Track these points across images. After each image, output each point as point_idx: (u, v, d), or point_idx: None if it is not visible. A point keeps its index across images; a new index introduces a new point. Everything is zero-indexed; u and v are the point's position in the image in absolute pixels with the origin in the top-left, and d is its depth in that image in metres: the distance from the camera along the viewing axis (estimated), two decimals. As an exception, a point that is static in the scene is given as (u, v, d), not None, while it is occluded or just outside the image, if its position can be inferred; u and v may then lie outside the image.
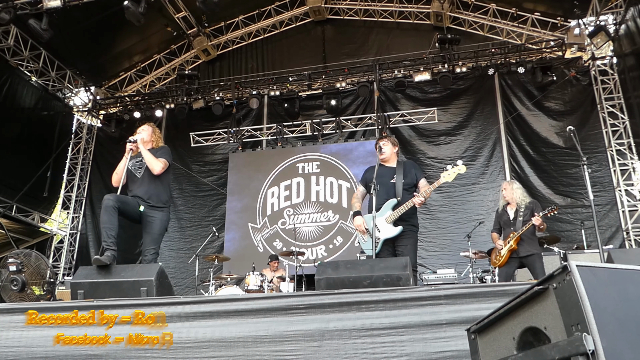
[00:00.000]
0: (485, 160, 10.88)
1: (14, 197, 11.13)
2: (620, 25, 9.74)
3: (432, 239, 10.34)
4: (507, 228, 6.09)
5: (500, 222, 6.28)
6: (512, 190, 6.20)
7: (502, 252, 6.02)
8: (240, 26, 13.18)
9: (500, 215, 6.29)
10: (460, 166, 4.73)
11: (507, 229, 6.08)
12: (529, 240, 5.91)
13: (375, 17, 12.58)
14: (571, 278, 1.44)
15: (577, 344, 1.36)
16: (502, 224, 6.21)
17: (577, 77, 10.84)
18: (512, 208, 6.15)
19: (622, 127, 10.33)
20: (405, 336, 2.91)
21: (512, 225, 6.02)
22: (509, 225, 6.08)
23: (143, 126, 5.08)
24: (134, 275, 3.89)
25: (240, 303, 3.27)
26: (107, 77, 13.42)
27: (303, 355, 2.98)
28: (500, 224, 6.26)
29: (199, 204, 12.20)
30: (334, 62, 12.20)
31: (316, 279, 3.67)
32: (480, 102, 11.39)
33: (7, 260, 4.45)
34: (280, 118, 12.35)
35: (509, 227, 6.06)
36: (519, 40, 11.44)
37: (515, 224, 5.98)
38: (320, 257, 10.63)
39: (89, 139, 13.56)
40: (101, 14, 10.44)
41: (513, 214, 6.11)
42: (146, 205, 4.65)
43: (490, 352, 1.99)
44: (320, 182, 11.36)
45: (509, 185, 6.35)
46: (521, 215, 5.98)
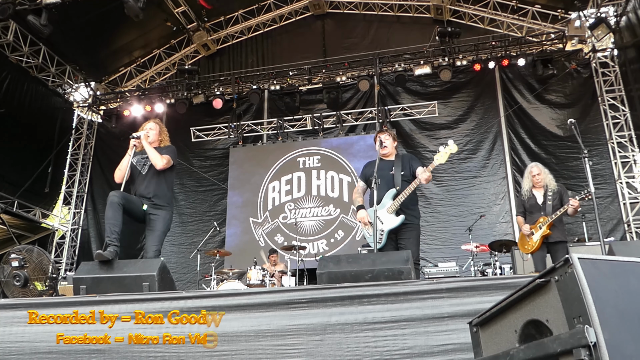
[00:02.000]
0: (486, 154, 10.88)
1: (16, 193, 11.16)
2: (621, 17, 9.71)
3: (433, 232, 10.35)
4: (536, 212, 5.73)
5: (525, 206, 5.90)
6: (546, 174, 5.85)
7: (534, 238, 5.66)
8: (240, 20, 13.14)
9: (527, 199, 5.88)
10: (452, 146, 4.68)
11: (536, 213, 5.73)
12: (559, 226, 5.68)
13: (375, 10, 12.54)
14: (573, 271, 1.44)
15: (579, 336, 1.36)
16: (529, 208, 5.84)
17: (578, 69, 10.82)
18: (539, 191, 5.82)
19: (623, 120, 10.32)
20: (407, 329, 2.92)
21: (542, 209, 5.70)
22: (537, 209, 5.73)
23: (150, 123, 5.01)
24: (136, 271, 3.90)
25: (242, 297, 3.28)
26: (107, 72, 13.40)
27: (305, 349, 2.99)
28: (526, 208, 5.89)
29: (200, 199, 12.22)
30: (334, 56, 12.18)
31: (318, 273, 3.68)
32: (480, 95, 11.38)
33: (9, 256, 4.46)
34: (280, 112, 12.34)
35: (538, 212, 5.72)
36: (519, 33, 11.40)
37: (545, 208, 5.66)
38: (322, 251, 10.66)
39: (89, 135, 13.56)
40: (100, 9, 10.44)
41: (541, 197, 5.77)
42: (149, 204, 4.64)
43: (492, 345, 1.99)
44: (321, 177, 11.36)
45: (543, 170, 5.91)
46: (550, 200, 5.66)
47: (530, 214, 5.83)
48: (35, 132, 11.86)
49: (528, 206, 5.86)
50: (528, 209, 5.87)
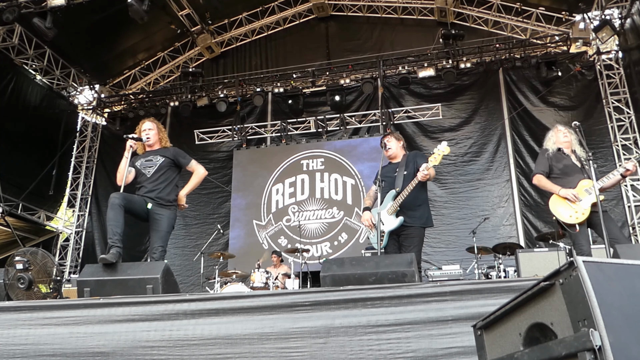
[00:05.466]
0: (490, 156, 10.85)
1: (20, 195, 11.19)
2: (626, 19, 9.69)
3: (437, 235, 10.32)
4: (573, 174, 4.56)
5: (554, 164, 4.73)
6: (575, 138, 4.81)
7: (583, 205, 4.42)
8: (243, 23, 13.17)
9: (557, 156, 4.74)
10: (443, 148, 4.60)
11: (574, 175, 4.56)
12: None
13: (379, 13, 12.55)
14: (578, 274, 1.43)
15: (583, 339, 1.35)
16: (563, 168, 4.67)
17: (582, 71, 10.80)
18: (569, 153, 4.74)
19: (627, 122, 10.29)
20: (411, 332, 2.91)
21: (581, 171, 4.59)
22: (576, 170, 4.58)
23: (146, 123, 5.03)
24: (139, 273, 3.90)
25: (245, 300, 3.28)
26: (112, 75, 13.45)
27: (309, 352, 2.98)
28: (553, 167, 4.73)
29: (203, 201, 12.22)
30: (338, 59, 12.20)
31: (321, 276, 3.68)
32: (484, 97, 11.36)
33: (13, 259, 4.48)
34: (284, 115, 12.34)
35: (577, 173, 4.56)
36: (523, 35, 11.39)
37: (585, 171, 4.57)
38: (325, 253, 10.64)
39: (93, 137, 13.61)
40: (105, 12, 10.48)
41: (575, 160, 4.69)
42: (154, 203, 4.65)
43: (496, 348, 1.99)
44: (324, 179, 11.36)
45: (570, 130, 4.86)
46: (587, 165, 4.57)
47: (564, 175, 4.67)
48: (40, 134, 11.91)
49: (562, 166, 4.69)
50: (561, 170, 4.69)
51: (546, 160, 4.78)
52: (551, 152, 4.79)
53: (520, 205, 10.34)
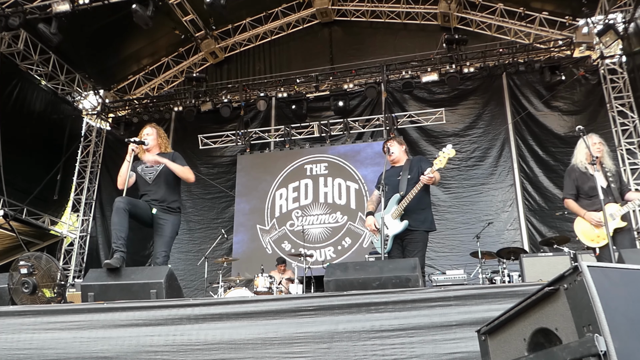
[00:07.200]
0: (494, 161, 10.83)
1: (25, 200, 11.22)
2: (630, 24, 9.67)
3: (441, 239, 10.29)
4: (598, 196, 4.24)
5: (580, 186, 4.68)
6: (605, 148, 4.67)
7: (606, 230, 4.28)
8: (247, 28, 13.22)
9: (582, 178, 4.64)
10: (449, 150, 4.60)
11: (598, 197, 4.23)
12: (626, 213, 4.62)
13: (383, 18, 12.58)
14: (582, 279, 1.43)
15: (588, 345, 1.35)
16: (588, 190, 4.59)
17: (586, 76, 10.78)
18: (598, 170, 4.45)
19: (631, 126, 10.27)
20: (415, 337, 2.90)
21: (609, 193, 4.50)
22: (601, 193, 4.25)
23: (147, 128, 5.03)
24: (143, 278, 3.90)
25: (249, 305, 3.27)
26: (116, 80, 13.50)
27: (312, 357, 2.97)
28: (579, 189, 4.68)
29: (207, 206, 12.24)
30: (342, 64, 12.21)
31: (325, 281, 3.67)
32: (488, 102, 11.35)
33: (18, 263, 4.48)
34: (288, 120, 12.36)
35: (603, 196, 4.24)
36: (527, 40, 11.40)
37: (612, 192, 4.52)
38: (329, 258, 10.63)
39: (98, 142, 13.65)
40: (110, 18, 10.54)
41: (603, 179, 4.55)
42: (159, 208, 4.66)
43: (501, 353, 1.98)
44: (328, 184, 11.35)
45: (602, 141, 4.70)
46: (613, 182, 4.54)
47: (587, 197, 4.65)
48: (45, 139, 11.97)
49: (587, 188, 4.63)
50: (586, 192, 4.65)
51: (572, 182, 4.81)
52: (578, 173, 4.79)
53: (524, 210, 10.31)
